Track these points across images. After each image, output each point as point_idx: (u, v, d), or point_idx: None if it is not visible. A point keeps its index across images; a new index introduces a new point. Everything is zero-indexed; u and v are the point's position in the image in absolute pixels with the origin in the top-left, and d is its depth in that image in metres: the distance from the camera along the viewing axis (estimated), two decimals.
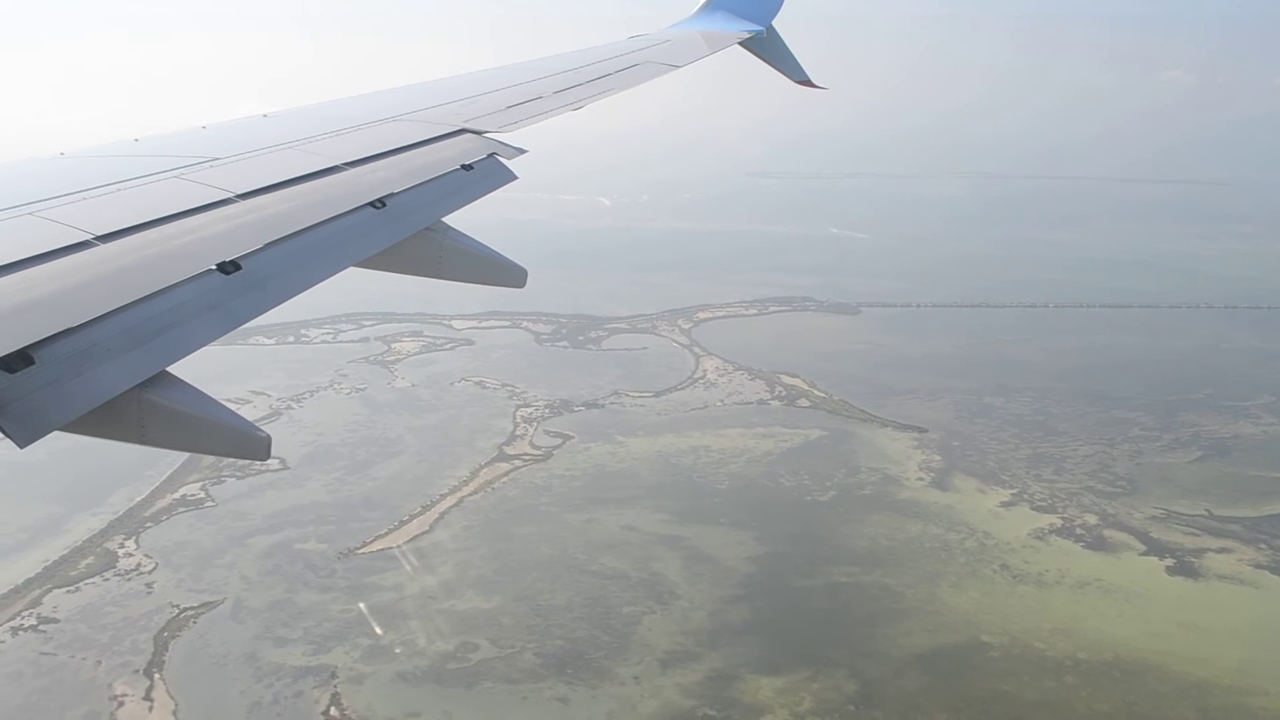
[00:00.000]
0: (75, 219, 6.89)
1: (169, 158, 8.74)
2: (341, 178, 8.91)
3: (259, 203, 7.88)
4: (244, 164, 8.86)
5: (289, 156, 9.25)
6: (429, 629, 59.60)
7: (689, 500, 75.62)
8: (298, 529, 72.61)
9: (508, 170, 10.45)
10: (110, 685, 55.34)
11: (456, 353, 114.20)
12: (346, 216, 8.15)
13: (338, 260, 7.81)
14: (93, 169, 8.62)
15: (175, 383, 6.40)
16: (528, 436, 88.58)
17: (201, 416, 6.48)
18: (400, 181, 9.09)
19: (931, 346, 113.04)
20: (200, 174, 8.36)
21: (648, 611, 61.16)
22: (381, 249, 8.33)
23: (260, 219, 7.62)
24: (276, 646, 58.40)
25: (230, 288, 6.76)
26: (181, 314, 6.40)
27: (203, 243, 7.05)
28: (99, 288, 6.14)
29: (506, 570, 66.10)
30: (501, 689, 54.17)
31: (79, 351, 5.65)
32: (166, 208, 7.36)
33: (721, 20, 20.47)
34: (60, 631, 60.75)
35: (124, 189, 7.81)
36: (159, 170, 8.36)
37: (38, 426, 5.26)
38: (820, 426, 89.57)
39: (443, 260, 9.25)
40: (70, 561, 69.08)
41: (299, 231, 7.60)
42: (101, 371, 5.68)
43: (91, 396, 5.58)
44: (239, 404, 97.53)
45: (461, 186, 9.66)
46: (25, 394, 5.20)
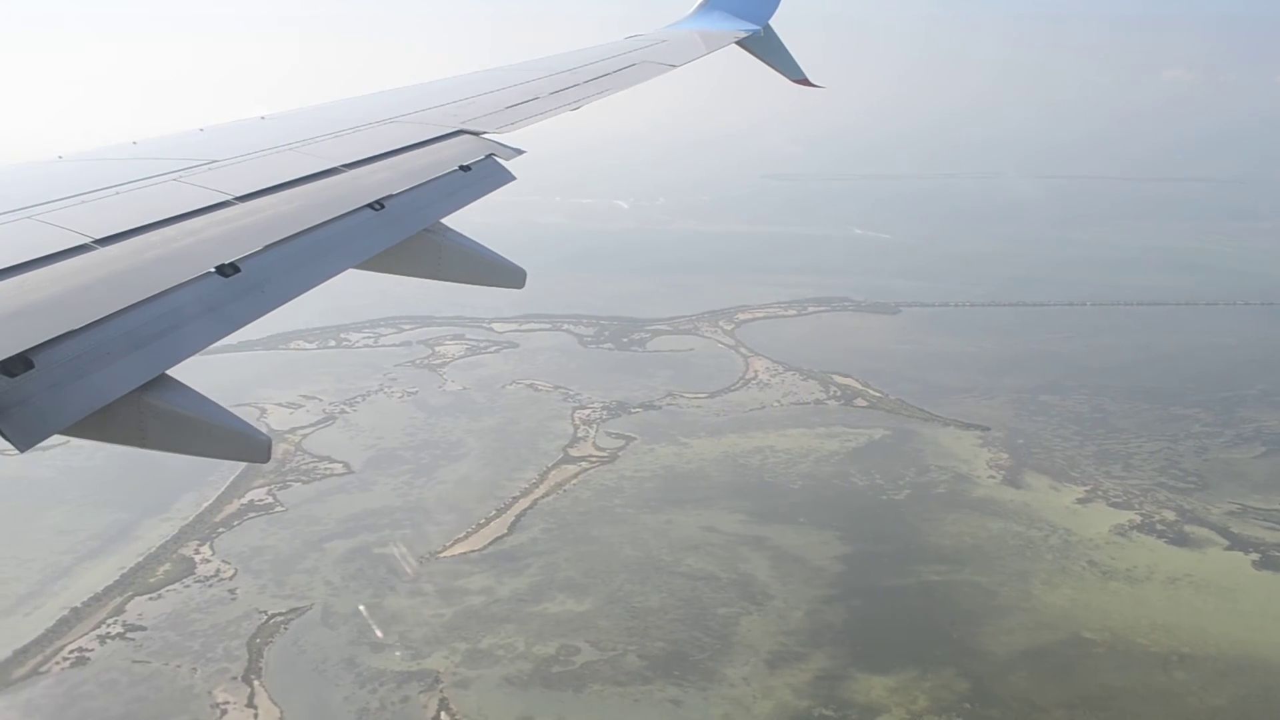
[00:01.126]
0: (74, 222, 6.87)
1: (167, 160, 8.68)
2: (340, 179, 8.90)
3: (257, 205, 7.86)
4: (242, 166, 8.83)
5: (287, 158, 9.23)
6: (526, 632, 59.01)
7: (764, 500, 75.29)
8: (373, 533, 71.91)
9: (506, 171, 10.42)
10: (210, 693, 54.60)
11: (502, 355, 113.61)
12: (345, 218, 8.13)
13: (337, 262, 7.77)
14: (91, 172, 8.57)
15: (175, 385, 6.30)
16: (590, 438, 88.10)
17: (202, 419, 6.38)
18: (398, 183, 9.08)
19: (978, 346, 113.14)
20: (199, 176, 8.33)
21: (744, 612, 60.76)
22: (380, 250, 8.31)
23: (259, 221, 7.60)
24: (374, 652, 57.72)
25: (229, 290, 6.73)
26: (181, 317, 6.32)
27: (201, 245, 7.03)
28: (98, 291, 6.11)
29: (594, 572, 65.58)
30: (611, 692, 53.66)
31: (79, 355, 5.60)
32: (165, 210, 7.32)
33: (718, 20, 20.47)
34: (149, 639, 59.92)
35: (123, 192, 7.78)
36: (157, 173, 8.31)
37: (38, 430, 5.23)
38: (882, 426, 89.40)
39: (442, 261, 9.22)
40: (148, 568, 68.22)
41: (298, 233, 7.58)
42: (101, 375, 5.65)
43: (92, 400, 5.55)
44: (291, 409, 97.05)
45: (460, 187, 9.65)
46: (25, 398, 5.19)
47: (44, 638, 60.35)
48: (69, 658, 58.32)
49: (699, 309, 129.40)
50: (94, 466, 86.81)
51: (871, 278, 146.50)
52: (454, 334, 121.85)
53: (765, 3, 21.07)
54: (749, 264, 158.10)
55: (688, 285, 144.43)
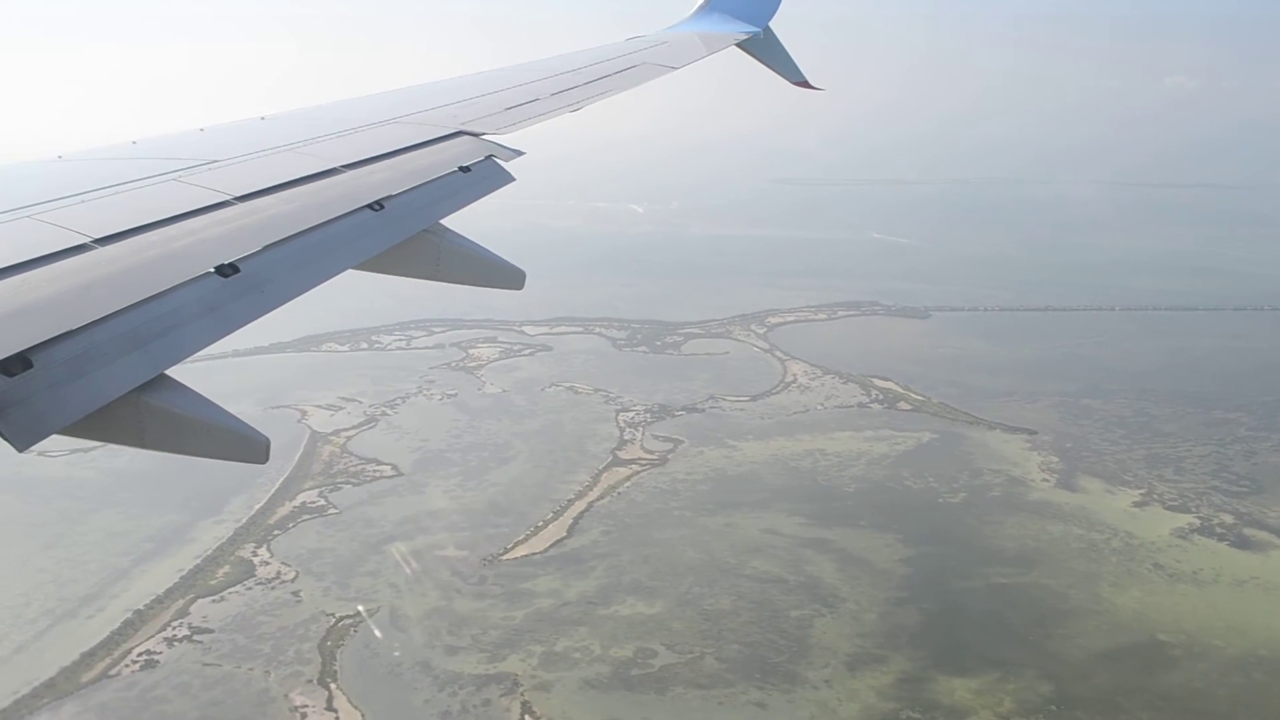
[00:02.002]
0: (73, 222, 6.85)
1: (167, 160, 8.65)
2: (339, 180, 8.88)
3: (257, 205, 7.85)
4: (242, 166, 8.81)
5: (287, 159, 9.21)
6: (600, 635, 58.63)
7: (821, 503, 75.11)
8: (431, 535, 71.43)
9: (505, 172, 10.39)
10: (287, 696, 54.03)
11: (537, 359, 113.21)
12: (345, 219, 8.13)
13: (336, 262, 7.77)
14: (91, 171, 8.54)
15: (174, 386, 6.29)
16: (637, 441, 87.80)
17: (201, 419, 6.39)
18: (398, 184, 9.07)
19: (1013, 350, 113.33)
20: (198, 176, 8.31)
21: (817, 615, 60.52)
22: (380, 251, 8.30)
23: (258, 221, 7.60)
24: (448, 655, 57.25)
25: (228, 290, 6.72)
26: (180, 317, 6.32)
27: (201, 245, 7.03)
28: (97, 290, 6.10)
29: (659, 575, 65.24)
30: (694, 695, 53.31)
31: (77, 355, 5.59)
32: (164, 210, 7.31)
33: (719, 22, 20.39)
34: (217, 641, 59.31)
35: (122, 191, 7.77)
36: (157, 173, 8.29)
37: (36, 430, 5.21)
38: (928, 429, 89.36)
39: (441, 262, 9.21)
40: (207, 570, 67.57)
41: (297, 234, 7.58)
42: (100, 375, 5.65)
43: (90, 400, 5.54)
44: (331, 411, 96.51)
45: (459, 189, 9.63)
46: (24, 397, 5.18)
47: (109, 640, 59.72)
48: (137, 661, 57.70)
49: (729, 312, 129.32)
50: (137, 468, 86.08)
51: (896, 282, 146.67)
52: (486, 337, 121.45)
53: (765, 5, 21.03)
54: (772, 268, 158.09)
55: (714, 289, 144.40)
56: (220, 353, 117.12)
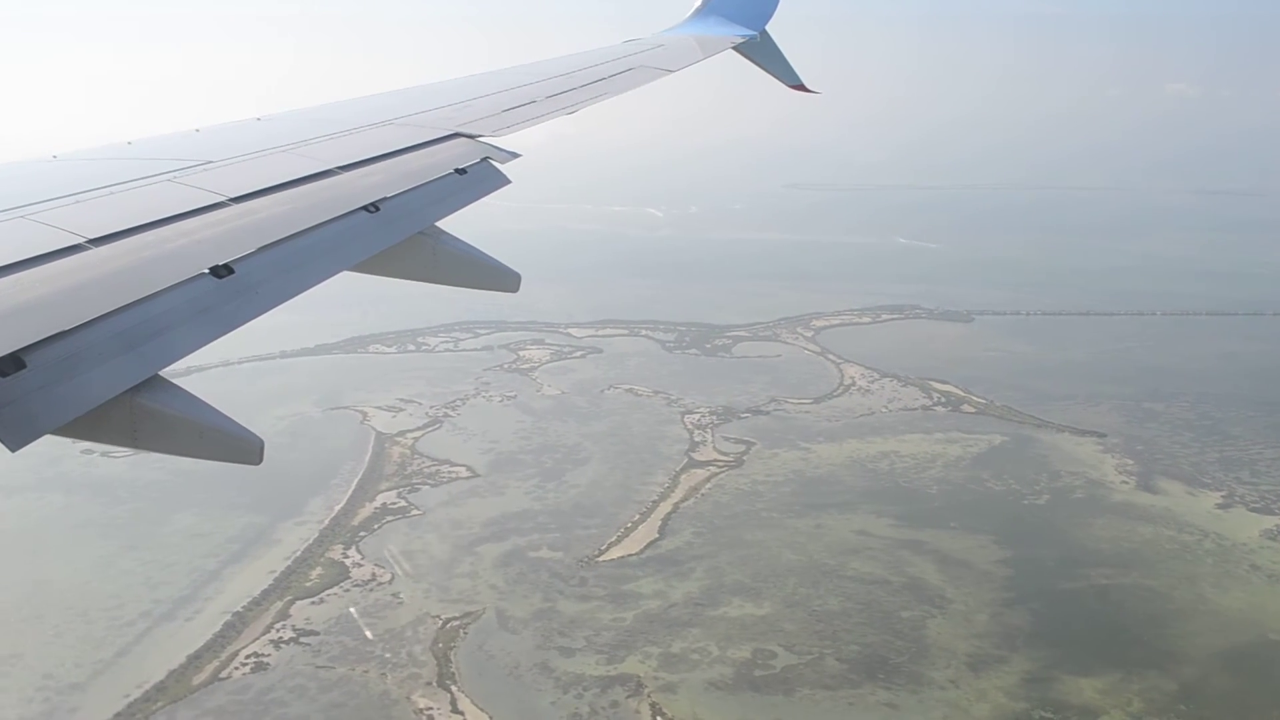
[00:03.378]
0: (68, 222, 6.84)
1: (162, 161, 8.64)
2: (335, 181, 8.88)
3: (252, 206, 7.85)
4: (237, 167, 8.80)
5: (282, 160, 9.20)
6: (714, 636, 58.17)
7: (906, 505, 75.02)
8: (523, 537, 70.80)
9: (501, 174, 10.40)
10: (409, 698, 53.26)
11: (589, 360, 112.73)
12: (340, 220, 8.12)
13: (331, 264, 7.78)
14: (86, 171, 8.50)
15: (168, 387, 6.26)
16: (709, 443, 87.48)
17: (194, 420, 6.34)
18: (394, 185, 9.06)
19: (1064, 354, 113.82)
20: (193, 177, 8.31)
21: (928, 615, 60.33)
22: (375, 253, 8.31)
23: (253, 223, 7.60)
24: (564, 656, 56.67)
25: (222, 292, 6.71)
26: (174, 318, 6.30)
27: (195, 246, 7.02)
28: (91, 291, 6.09)
29: (761, 576, 64.89)
30: (823, 696, 52.98)
31: (71, 355, 5.58)
32: (159, 211, 7.29)
33: (715, 25, 20.40)
34: (325, 644, 58.45)
35: (117, 192, 7.75)
36: (152, 173, 8.27)
37: (29, 430, 5.21)
38: (997, 432, 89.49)
39: (436, 264, 9.21)
40: (299, 572, 66.65)
41: (292, 235, 7.57)
42: (94, 375, 5.63)
43: (84, 400, 5.53)
44: (392, 412, 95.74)
45: (455, 191, 9.62)
46: (17, 398, 5.17)
47: (214, 643, 58.77)
48: (246, 663, 56.80)
49: (773, 316, 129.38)
50: (205, 470, 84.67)
51: (932, 286, 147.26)
52: (533, 339, 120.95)
53: (762, 8, 21.01)
54: (805, 271, 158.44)
55: (752, 292, 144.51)
56: (266, 354, 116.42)
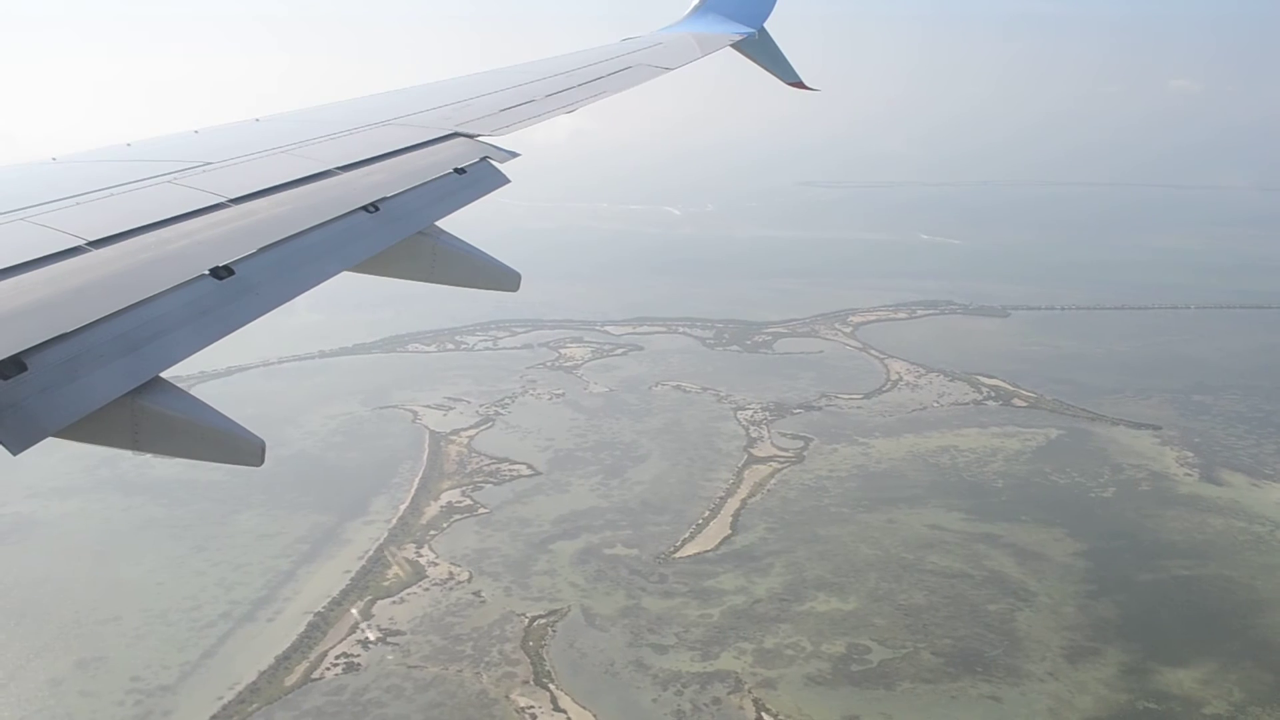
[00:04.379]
0: (68, 224, 6.84)
1: (162, 162, 8.63)
2: (334, 182, 8.88)
3: (252, 207, 7.86)
4: (237, 169, 8.80)
5: (282, 161, 9.21)
6: (805, 631, 57.92)
7: (974, 499, 74.96)
8: (595, 534, 70.47)
9: (500, 174, 10.41)
10: (508, 697, 52.90)
11: (631, 358, 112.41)
12: (339, 221, 8.13)
13: (331, 265, 7.79)
14: (85, 174, 8.49)
15: (168, 388, 6.24)
16: (766, 439, 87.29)
17: (195, 422, 6.34)
18: (393, 186, 9.06)
19: (1106, 348, 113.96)
20: (193, 179, 8.31)
21: (1015, 608, 60.25)
22: (375, 253, 8.32)
23: (253, 224, 7.62)
24: (658, 653, 56.37)
25: (223, 293, 6.71)
26: (174, 320, 6.29)
27: (195, 248, 7.03)
28: (92, 293, 6.09)
29: (841, 571, 64.72)
30: (924, 689, 52.82)
31: (72, 357, 5.58)
32: (159, 213, 7.29)
33: (713, 22, 20.40)
34: (413, 643, 58.04)
35: (116, 194, 7.76)
36: (152, 175, 8.27)
37: (31, 433, 5.21)
38: (1052, 426, 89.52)
39: (436, 264, 9.24)
40: (375, 571, 66.17)
41: (292, 236, 7.58)
42: (94, 378, 5.62)
43: (84, 403, 5.53)
44: (442, 410, 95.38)
45: (454, 190, 9.63)
46: (18, 400, 5.18)
47: (300, 644, 58.28)
48: (337, 664, 56.34)
49: (808, 312, 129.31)
50: (263, 470, 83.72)
51: (964, 281, 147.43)
52: (571, 337, 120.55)
53: (760, 6, 21.01)
54: (833, 268, 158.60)
55: (784, 289, 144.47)
56: (305, 354, 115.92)
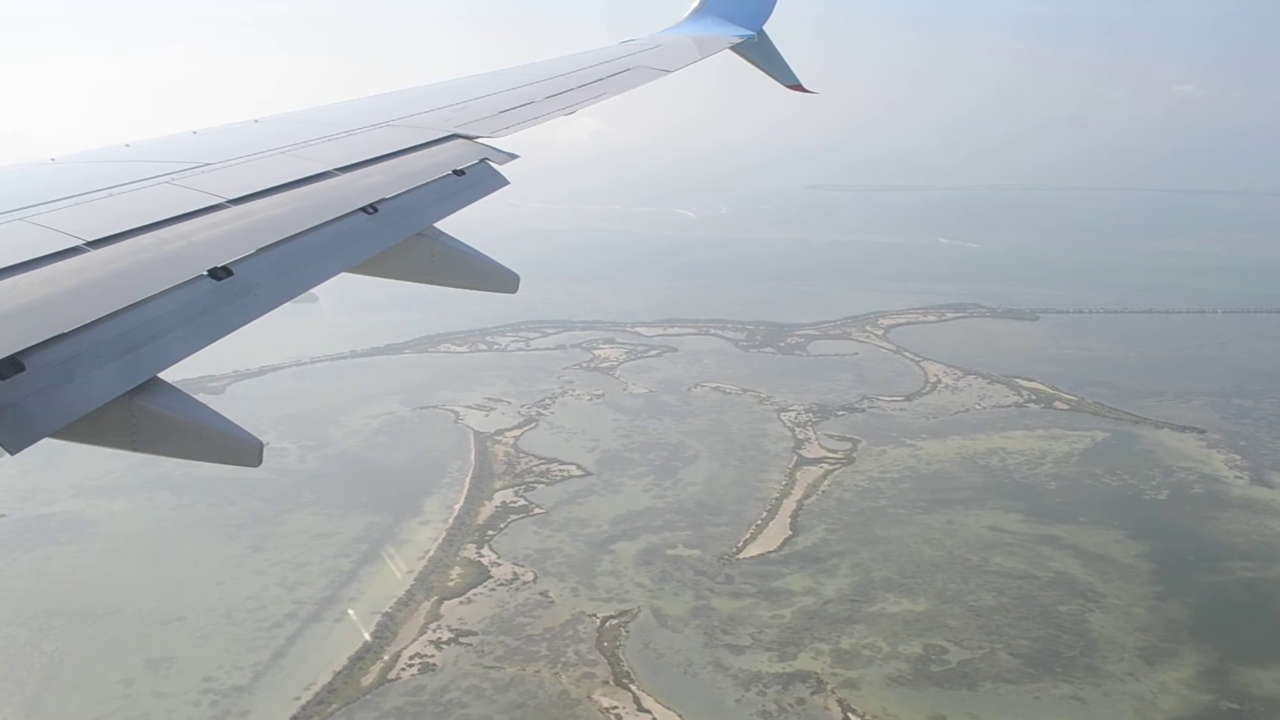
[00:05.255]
0: (66, 224, 6.86)
1: (160, 163, 8.65)
2: (333, 183, 8.91)
3: (250, 208, 7.88)
4: (236, 169, 8.84)
5: (281, 162, 9.23)
6: (880, 632, 57.78)
7: (1030, 500, 74.99)
8: (655, 535, 70.22)
9: (499, 175, 10.44)
10: (590, 697, 52.58)
11: (666, 359, 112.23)
12: (338, 222, 8.14)
13: (329, 266, 7.82)
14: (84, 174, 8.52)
15: (167, 389, 6.28)
16: (813, 440, 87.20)
17: (193, 423, 6.36)
18: (392, 187, 9.07)
19: (1140, 351, 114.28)
20: (192, 179, 8.33)
21: (1086, 609, 60.25)
22: (373, 254, 8.34)
23: (252, 224, 7.64)
24: (734, 654, 56.15)
25: (221, 294, 6.74)
26: (173, 320, 6.32)
27: (194, 248, 7.05)
28: (90, 293, 6.10)
29: (908, 573, 64.60)
30: (1006, 690, 52.74)
31: (70, 358, 5.59)
32: (158, 213, 7.31)
33: (713, 25, 20.41)
34: (487, 644, 57.67)
35: (115, 194, 7.76)
36: (150, 175, 8.28)
37: (29, 433, 5.22)
38: (1097, 429, 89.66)
39: (435, 265, 9.25)
40: (438, 572, 65.76)
41: (291, 237, 7.60)
42: (92, 378, 5.64)
43: (82, 403, 5.55)
44: (483, 410, 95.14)
45: (453, 192, 9.65)
46: (16, 400, 5.18)
47: (371, 644, 57.81)
48: (412, 664, 55.92)
49: (837, 314, 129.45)
50: (310, 469, 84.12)
51: (984, 284, 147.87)
52: (603, 338, 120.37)
53: (759, 9, 20.99)
54: (856, 271, 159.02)
55: (809, 291, 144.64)
56: (337, 354, 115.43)
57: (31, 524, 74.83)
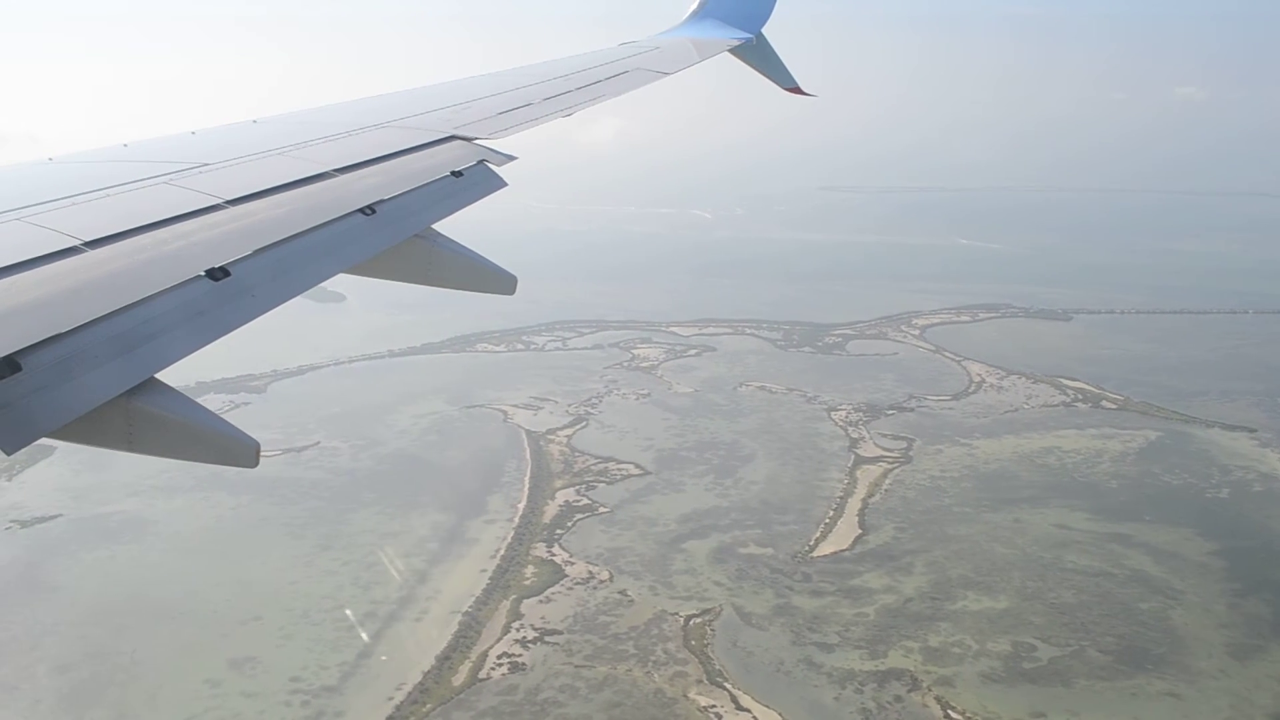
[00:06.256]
0: (64, 224, 6.85)
1: (158, 163, 8.64)
2: (331, 184, 8.91)
3: (248, 209, 7.89)
4: (234, 170, 8.84)
5: (279, 162, 9.26)
6: (966, 630, 57.71)
7: (1093, 499, 75.14)
8: (725, 533, 70.05)
9: (497, 177, 10.46)
10: (686, 696, 52.36)
11: (706, 359, 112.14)
12: (336, 223, 8.15)
13: (327, 267, 7.83)
14: (82, 174, 8.52)
15: (163, 390, 6.25)
16: (867, 439, 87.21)
17: (190, 423, 6.32)
18: (390, 188, 9.07)
19: (1178, 351, 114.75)
20: (190, 180, 8.32)
21: (1167, 606, 60.35)
22: (371, 255, 8.38)
23: (250, 225, 7.64)
24: (824, 652, 56.04)
25: (219, 294, 6.72)
26: (170, 321, 6.30)
27: (192, 249, 7.03)
28: (87, 294, 6.09)
29: (983, 571, 64.62)
30: (1102, 687, 52.78)
31: (66, 358, 5.59)
32: (155, 213, 7.31)
33: (711, 28, 20.47)
34: (573, 643, 57.38)
35: (113, 194, 7.76)
36: (148, 175, 8.28)
37: (25, 433, 5.22)
38: (1148, 428, 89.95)
39: (432, 267, 9.27)
40: (512, 571, 65.44)
41: (289, 238, 7.61)
42: (89, 378, 5.63)
43: (79, 403, 5.55)
44: (531, 410, 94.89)
45: (451, 193, 9.65)
46: (12, 401, 5.19)
47: (456, 643, 57.48)
48: (501, 663, 55.59)
49: (871, 314, 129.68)
50: (364, 468, 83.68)
51: (1011, 285, 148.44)
52: (639, 337, 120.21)
53: (758, 11, 21.08)
54: (884, 272, 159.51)
55: (838, 291, 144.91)
56: (375, 353, 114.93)
57: (89, 523, 74.27)
